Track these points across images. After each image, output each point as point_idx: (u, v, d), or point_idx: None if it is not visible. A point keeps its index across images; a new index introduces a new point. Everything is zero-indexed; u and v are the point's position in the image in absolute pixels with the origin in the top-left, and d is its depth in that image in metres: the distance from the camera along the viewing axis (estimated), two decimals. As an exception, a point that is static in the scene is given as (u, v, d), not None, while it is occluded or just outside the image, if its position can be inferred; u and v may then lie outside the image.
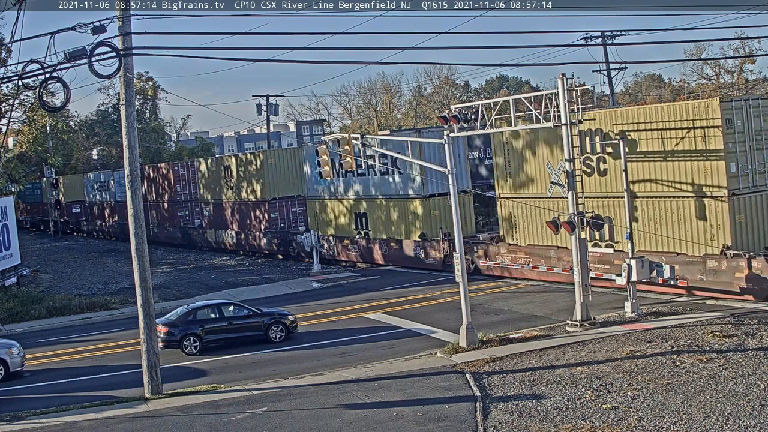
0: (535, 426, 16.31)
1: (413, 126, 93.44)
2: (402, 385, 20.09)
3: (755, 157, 27.23)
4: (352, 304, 32.90)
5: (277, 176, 51.40)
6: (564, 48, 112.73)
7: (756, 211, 27.36)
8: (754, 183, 27.24)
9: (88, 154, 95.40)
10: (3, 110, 47.63)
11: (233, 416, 18.60)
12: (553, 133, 30.18)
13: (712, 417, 15.87)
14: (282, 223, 51.31)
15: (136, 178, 21.27)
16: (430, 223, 39.45)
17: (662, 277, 27.01)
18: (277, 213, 51.44)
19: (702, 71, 78.56)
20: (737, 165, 26.74)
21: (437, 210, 39.41)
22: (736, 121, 26.84)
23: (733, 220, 26.33)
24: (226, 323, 26.63)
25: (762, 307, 25.12)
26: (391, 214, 41.48)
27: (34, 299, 38.73)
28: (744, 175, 26.96)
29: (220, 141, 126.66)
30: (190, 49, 21.36)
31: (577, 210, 25.04)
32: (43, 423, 19.25)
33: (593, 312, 25.43)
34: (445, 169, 24.82)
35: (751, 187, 27.19)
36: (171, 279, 45.23)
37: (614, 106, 52.31)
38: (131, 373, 23.46)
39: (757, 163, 27.30)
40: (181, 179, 62.37)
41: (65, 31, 18.77)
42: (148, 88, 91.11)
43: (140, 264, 21.17)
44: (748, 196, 27.14)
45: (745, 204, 27.07)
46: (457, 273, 24.29)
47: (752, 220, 27.28)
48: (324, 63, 62.63)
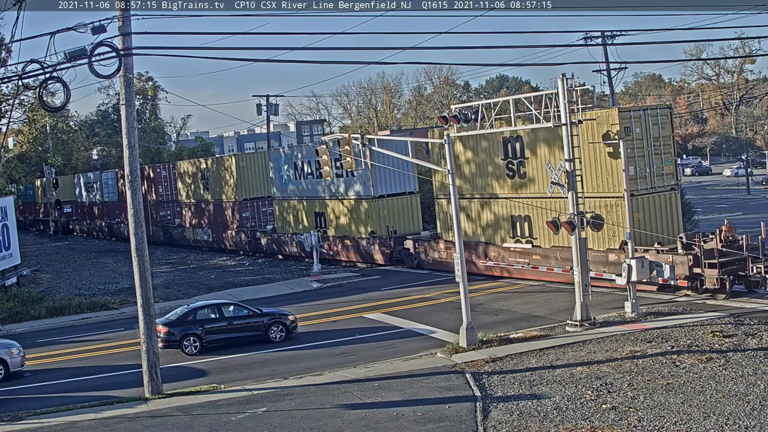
0: (535, 426, 16.32)
1: (413, 126, 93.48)
2: (402, 385, 20.09)
3: (654, 161, 29.91)
4: (352, 304, 32.91)
5: (248, 178, 54.34)
6: (564, 48, 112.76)
7: (653, 209, 30.19)
8: (652, 185, 29.93)
9: (88, 154, 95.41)
10: (3, 110, 47.63)
11: (233, 416, 18.61)
12: (491, 139, 33.81)
13: (712, 417, 15.88)
14: (253, 222, 54.22)
15: (136, 178, 21.27)
16: (379, 221, 42.28)
17: (662, 277, 27.04)
18: (248, 213, 54.51)
19: (702, 71, 78.64)
20: (635, 169, 29.20)
21: (386, 210, 42.67)
22: (634, 129, 29.25)
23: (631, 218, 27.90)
24: (226, 323, 26.63)
25: (762, 307, 25.14)
26: (346, 213, 44.86)
27: (34, 299, 38.72)
28: (642, 177, 29.52)
29: (220, 141, 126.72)
30: (190, 49, 21.33)
31: (577, 210, 25.04)
32: (43, 423, 19.25)
33: (593, 312, 25.44)
34: (445, 169, 24.82)
35: (649, 188, 29.86)
36: (171, 279, 45.23)
37: (614, 107, 52.35)
38: (131, 373, 23.46)
39: (655, 167, 29.94)
40: (162, 180, 64.87)
41: (65, 31, 18.76)
42: (148, 88, 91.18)
43: (140, 264, 21.17)
44: (647, 197, 29.79)
45: (644, 203, 29.52)
46: (457, 273, 24.29)
47: (650, 217, 30.06)
48: (324, 63, 62.68)
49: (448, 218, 36.05)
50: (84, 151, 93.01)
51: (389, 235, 41.54)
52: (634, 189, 28.66)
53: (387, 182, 42.28)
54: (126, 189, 21.49)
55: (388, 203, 42.74)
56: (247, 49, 23.31)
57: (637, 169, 29.30)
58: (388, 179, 42.23)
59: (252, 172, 54.40)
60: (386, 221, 42.29)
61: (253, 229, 52.58)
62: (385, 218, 42.25)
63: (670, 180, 30.57)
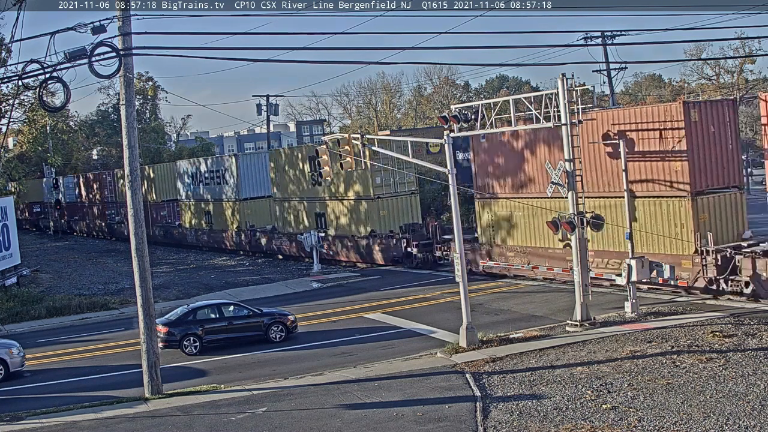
0: (535, 426, 16.31)
1: (413, 126, 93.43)
2: (402, 385, 20.09)
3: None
4: (352, 304, 32.91)
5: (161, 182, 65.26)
6: (564, 48, 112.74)
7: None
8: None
9: (88, 154, 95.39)
10: (3, 110, 47.63)
11: (233, 416, 18.60)
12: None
13: (712, 417, 15.88)
14: (169, 219, 65.45)
15: (136, 178, 21.26)
16: (242, 220, 53.24)
17: (662, 277, 27.02)
18: (165, 211, 65.73)
19: (702, 71, 78.56)
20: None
21: (249, 210, 52.78)
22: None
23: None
24: (226, 323, 26.63)
25: (762, 307, 25.13)
26: (224, 212, 55.10)
27: (34, 299, 38.73)
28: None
29: (220, 141, 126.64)
30: (190, 49, 21.35)
31: (577, 210, 25.04)
32: (43, 423, 19.25)
33: (593, 312, 25.43)
34: (445, 169, 24.83)
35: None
36: (171, 279, 45.23)
37: (614, 107, 52.33)
38: (131, 373, 23.46)
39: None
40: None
41: (65, 31, 18.76)
42: (148, 88, 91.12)
43: (140, 264, 21.16)
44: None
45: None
46: (457, 273, 24.29)
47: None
48: (324, 63, 62.58)
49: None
50: (84, 151, 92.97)
51: (246, 230, 50.18)
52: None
53: (250, 187, 52.34)
54: (126, 189, 21.48)
55: (251, 204, 51.78)
56: (247, 49, 23.34)
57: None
58: (251, 184, 52.58)
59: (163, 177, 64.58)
60: (251, 220, 51.52)
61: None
62: (385, 218, 42.40)
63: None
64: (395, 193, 42.27)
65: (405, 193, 42.59)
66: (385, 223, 42.29)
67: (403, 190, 42.49)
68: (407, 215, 42.45)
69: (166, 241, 64.56)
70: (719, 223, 27.76)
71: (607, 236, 29.04)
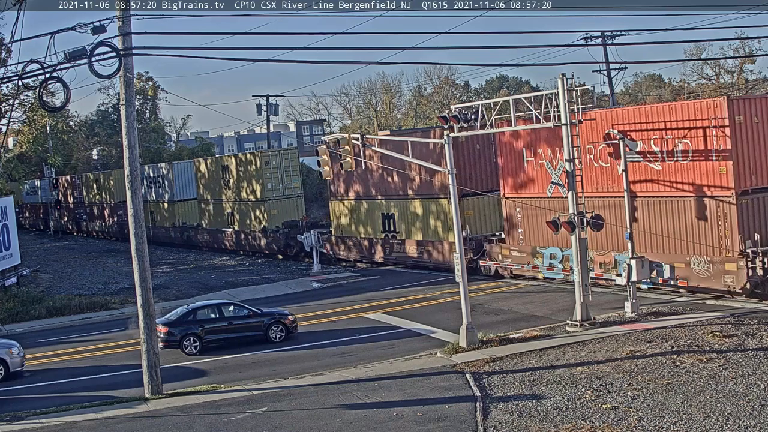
0: (535, 426, 16.31)
1: (413, 126, 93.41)
2: (402, 385, 20.09)
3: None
4: (352, 304, 32.91)
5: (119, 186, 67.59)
6: (564, 48, 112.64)
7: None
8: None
9: (88, 154, 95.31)
10: (3, 110, 47.62)
11: (233, 416, 18.61)
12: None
13: (712, 417, 15.88)
14: (125, 218, 69.39)
15: (136, 178, 21.26)
16: (177, 218, 61.37)
17: (662, 277, 27.01)
18: (122, 210, 66.47)
19: (702, 71, 78.51)
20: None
21: (181, 209, 61.17)
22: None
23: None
24: (226, 323, 26.63)
25: (762, 307, 25.13)
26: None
27: (34, 299, 38.71)
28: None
29: (220, 141, 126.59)
30: (190, 49, 21.33)
31: (577, 210, 25.04)
32: (43, 423, 19.25)
33: (593, 312, 25.43)
34: (445, 169, 24.82)
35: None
36: (171, 279, 45.22)
37: (614, 107, 52.31)
38: (131, 373, 23.45)
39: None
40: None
41: (65, 31, 18.76)
42: (148, 88, 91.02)
43: (140, 264, 21.16)
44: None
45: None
46: (457, 273, 24.29)
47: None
48: (324, 63, 62.53)
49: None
50: (84, 151, 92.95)
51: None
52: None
53: (183, 189, 59.66)
54: (126, 189, 21.48)
55: (181, 206, 59.44)
56: (247, 49, 23.30)
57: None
58: (184, 186, 60.17)
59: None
60: (182, 219, 59.42)
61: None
62: (275, 217, 49.96)
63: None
64: (283, 196, 51.85)
65: (292, 196, 52.11)
66: (274, 220, 50.80)
67: (291, 193, 52.08)
68: (294, 214, 51.10)
69: (125, 236, 67.89)
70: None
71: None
